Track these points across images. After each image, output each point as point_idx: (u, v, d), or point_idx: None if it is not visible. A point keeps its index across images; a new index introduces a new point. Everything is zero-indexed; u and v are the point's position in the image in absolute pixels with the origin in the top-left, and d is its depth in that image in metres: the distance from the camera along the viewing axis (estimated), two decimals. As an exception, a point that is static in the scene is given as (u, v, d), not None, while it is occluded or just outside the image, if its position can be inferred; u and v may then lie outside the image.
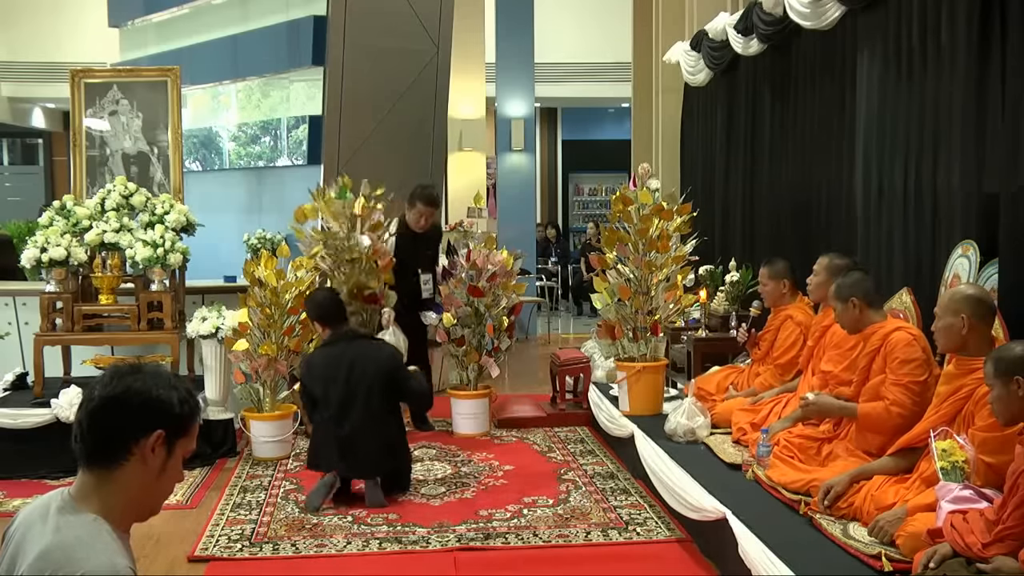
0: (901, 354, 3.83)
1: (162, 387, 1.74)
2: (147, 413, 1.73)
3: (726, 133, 7.69)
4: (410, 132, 7.06)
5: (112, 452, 1.72)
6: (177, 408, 1.75)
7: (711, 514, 3.87)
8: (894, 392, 3.81)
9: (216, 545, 4.31)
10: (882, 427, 3.81)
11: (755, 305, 5.92)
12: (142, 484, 1.74)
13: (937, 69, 4.48)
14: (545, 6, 12.36)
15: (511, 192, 12.00)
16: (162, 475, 1.76)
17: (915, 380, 3.79)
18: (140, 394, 1.72)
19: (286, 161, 7.51)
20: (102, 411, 1.72)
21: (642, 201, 5.61)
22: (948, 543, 2.86)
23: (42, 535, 1.68)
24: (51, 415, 5.50)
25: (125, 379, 1.74)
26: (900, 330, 3.92)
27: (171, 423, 1.75)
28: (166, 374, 1.79)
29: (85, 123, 6.57)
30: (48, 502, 1.75)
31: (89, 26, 11.85)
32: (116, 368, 1.77)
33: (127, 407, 1.72)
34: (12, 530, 1.78)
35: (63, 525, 1.69)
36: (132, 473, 1.72)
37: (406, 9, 6.91)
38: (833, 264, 4.68)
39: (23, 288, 6.51)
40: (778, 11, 6.04)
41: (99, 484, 1.73)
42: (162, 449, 1.74)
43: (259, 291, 5.62)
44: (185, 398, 1.77)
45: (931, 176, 4.55)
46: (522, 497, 4.94)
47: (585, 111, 16.93)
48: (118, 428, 1.72)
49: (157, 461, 1.74)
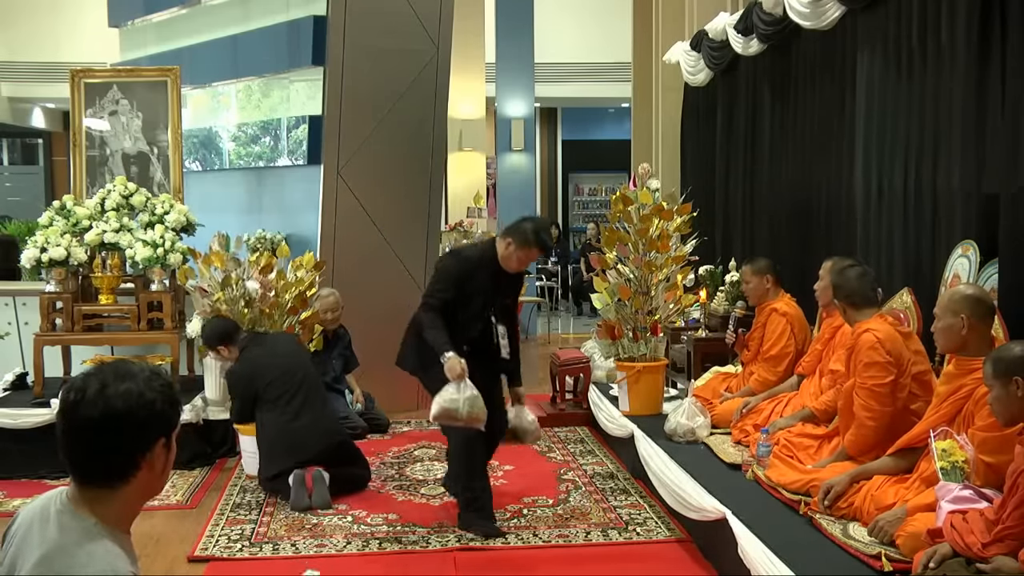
0: (864, 357, 3.82)
1: (150, 390, 1.68)
2: (147, 426, 1.69)
3: (726, 133, 7.69)
4: (410, 132, 7.05)
5: (119, 471, 1.69)
6: (168, 406, 1.72)
7: (711, 514, 3.87)
8: (861, 396, 3.82)
9: (216, 545, 4.31)
10: (865, 442, 3.81)
11: (739, 305, 5.93)
12: (145, 489, 1.74)
13: (937, 69, 4.48)
14: (545, 6, 12.35)
15: (511, 192, 12.00)
16: (164, 472, 1.76)
17: (879, 383, 3.77)
18: (137, 408, 1.66)
19: (286, 161, 7.49)
20: (103, 432, 1.65)
21: (642, 201, 5.62)
22: (948, 543, 2.86)
23: (43, 538, 1.67)
24: (51, 415, 5.50)
25: (110, 396, 1.65)
26: (868, 331, 3.86)
27: (168, 426, 1.73)
28: (139, 371, 1.71)
29: (85, 123, 6.57)
30: (47, 504, 1.73)
31: (89, 26, 11.84)
32: (96, 376, 1.68)
33: (130, 424, 1.66)
34: (13, 530, 1.77)
35: (63, 529, 1.67)
36: (138, 483, 1.71)
37: (406, 9, 6.91)
38: (837, 267, 4.66)
39: (23, 288, 6.51)
40: (778, 11, 6.04)
41: (99, 496, 1.70)
42: (164, 451, 1.73)
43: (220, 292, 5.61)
44: (168, 391, 1.72)
45: (931, 176, 4.55)
46: (522, 497, 4.95)
47: (585, 111, 16.92)
48: (125, 448, 1.68)
49: (160, 464, 1.74)
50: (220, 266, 5.57)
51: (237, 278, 5.54)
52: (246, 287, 5.53)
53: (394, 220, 7.02)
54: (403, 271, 7.06)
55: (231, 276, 5.53)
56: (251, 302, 5.55)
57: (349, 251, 6.81)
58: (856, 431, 3.83)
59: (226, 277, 5.53)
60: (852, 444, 3.86)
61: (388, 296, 6.87)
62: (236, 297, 5.54)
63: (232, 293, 5.54)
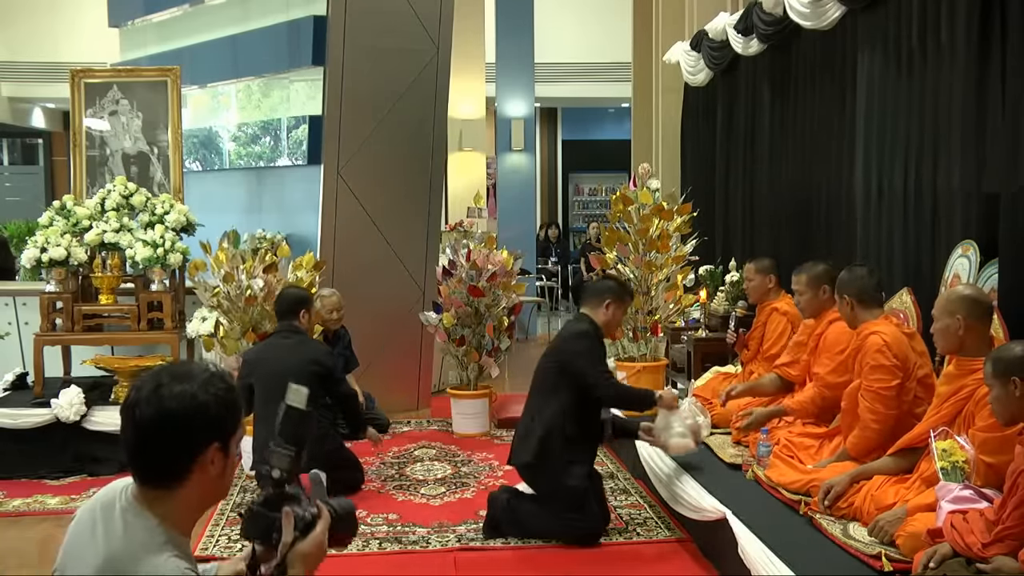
0: (871, 360, 3.80)
1: (205, 394, 1.68)
2: (202, 429, 1.68)
3: (726, 133, 7.69)
4: (410, 132, 7.05)
5: (172, 473, 1.69)
6: (224, 411, 1.70)
7: (711, 514, 3.87)
8: (867, 399, 3.80)
9: (216, 545, 4.32)
10: (869, 444, 3.80)
11: (739, 305, 5.92)
12: (204, 492, 1.73)
13: (937, 69, 4.48)
14: (545, 6, 12.35)
15: (511, 192, 12.01)
16: (223, 476, 1.74)
17: (885, 387, 3.76)
18: (190, 411, 1.66)
19: (286, 161, 7.49)
20: (155, 432, 1.66)
21: (642, 201, 5.63)
22: (948, 543, 2.85)
23: (108, 536, 1.68)
24: (51, 415, 5.51)
25: (165, 396, 1.67)
26: (875, 333, 3.84)
27: (223, 430, 1.71)
28: (199, 373, 1.71)
29: (85, 123, 6.57)
30: (113, 497, 1.73)
31: (89, 26, 11.84)
32: (154, 376, 1.70)
33: (180, 426, 1.66)
34: (76, 521, 1.77)
35: (128, 526, 1.68)
36: (194, 485, 1.70)
37: (406, 9, 6.91)
38: (812, 274, 4.62)
39: (23, 288, 6.51)
40: (778, 11, 6.04)
41: (159, 496, 1.70)
42: (220, 455, 1.71)
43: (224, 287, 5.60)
44: (226, 395, 1.71)
45: (931, 176, 4.55)
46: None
47: (585, 111, 16.91)
48: (178, 451, 1.68)
49: (217, 468, 1.72)
50: (226, 263, 5.56)
51: (248, 274, 5.50)
52: (252, 283, 5.52)
53: (394, 220, 7.02)
54: (403, 271, 7.06)
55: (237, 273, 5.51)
56: (253, 299, 5.52)
57: (349, 251, 6.81)
58: (860, 433, 3.82)
59: (227, 274, 5.52)
60: (854, 446, 3.85)
61: (388, 296, 6.89)
62: (237, 296, 5.54)
63: (236, 291, 5.52)
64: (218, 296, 5.54)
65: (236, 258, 5.57)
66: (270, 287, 5.56)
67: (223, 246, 5.61)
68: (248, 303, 5.54)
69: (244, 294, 5.52)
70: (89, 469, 5.50)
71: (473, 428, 6.37)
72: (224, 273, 5.52)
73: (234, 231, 5.79)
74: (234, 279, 5.50)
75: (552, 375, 4.47)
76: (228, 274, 5.51)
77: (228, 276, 5.51)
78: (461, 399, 6.41)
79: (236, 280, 5.51)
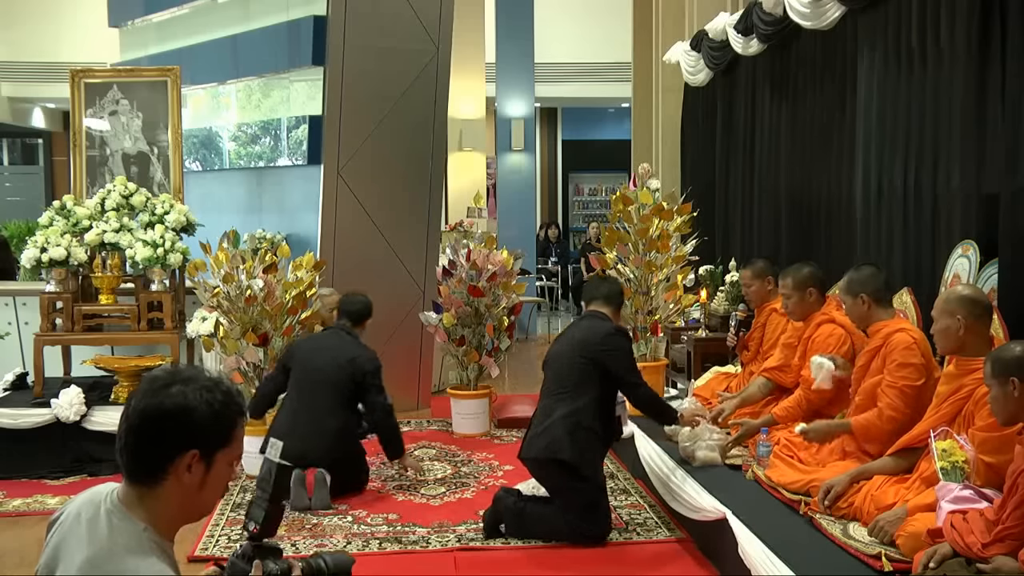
0: (899, 357, 3.78)
1: (197, 400, 1.67)
2: (180, 432, 1.67)
3: (726, 133, 7.69)
4: (410, 132, 7.06)
5: (150, 471, 1.68)
6: (211, 421, 1.68)
7: (711, 514, 3.87)
8: (889, 395, 3.78)
9: (216, 545, 4.32)
10: (878, 434, 3.79)
11: (740, 308, 5.92)
12: (182, 500, 1.71)
13: (937, 69, 4.48)
14: (545, 6, 12.35)
15: (511, 192, 12.01)
16: (203, 489, 1.72)
17: (910, 384, 3.75)
18: (173, 411, 1.66)
19: (286, 161, 7.49)
20: (139, 429, 1.67)
21: (642, 201, 5.63)
22: (948, 543, 2.86)
23: (92, 536, 1.68)
24: (51, 415, 5.51)
25: (160, 393, 1.67)
26: (902, 331, 3.84)
27: (206, 439, 1.69)
28: (203, 380, 1.70)
29: (85, 123, 6.57)
30: (97, 500, 1.73)
31: (89, 26, 11.84)
32: (154, 377, 1.71)
33: (160, 426, 1.66)
34: (59, 522, 1.77)
35: (112, 531, 1.67)
36: (171, 490, 1.69)
37: (406, 9, 6.91)
38: (798, 277, 4.61)
39: (23, 288, 6.51)
40: (778, 11, 6.04)
41: (143, 496, 1.70)
42: (200, 466, 1.69)
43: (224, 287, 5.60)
44: (220, 408, 1.69)
45: (931, 176, 4.55)
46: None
47: (585, 111, 16.92)
48: (152, 448, 1.67)
49: (195, 478, 1.70)
50: (226, 263, 5.57)
51: (248, 274, 5.51)
52: (252, 283, 5.53)
53: (394, 220, 7.03)
54: (403, 271, 7.06)
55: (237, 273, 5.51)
56: (253, 299, 5.53)
57: (349, 251, 6.81)
58: (872, 419, 3.78)
59: (227, 274, 5.53)
60: (861, 429, 3.81)
61: (388, 296, 6.87)
62: (237, 296, 5.54)
63: (236, 291, 5.52)
64: (218, 296, 5.54)
65: (236, 258, 5.57)
66: (270, 287, 5.56)
67: (223, 246, 5.61)
68: (248, 303, 5.54)
69: (244, 294, 5.52)
70: (89, 469, 5.50)
71: (473, 428, 6.37)
72: (224, 273, 5.52)
73: (234, 231, 5.77)
74: (234, 279, 5.50)
75: (580, 371, 4.42)
76: (228, 274, 5.51)
77: (228, 276, 5.51)
78: (461, 399, 6.41)
79: (236, 280, 5.51)
